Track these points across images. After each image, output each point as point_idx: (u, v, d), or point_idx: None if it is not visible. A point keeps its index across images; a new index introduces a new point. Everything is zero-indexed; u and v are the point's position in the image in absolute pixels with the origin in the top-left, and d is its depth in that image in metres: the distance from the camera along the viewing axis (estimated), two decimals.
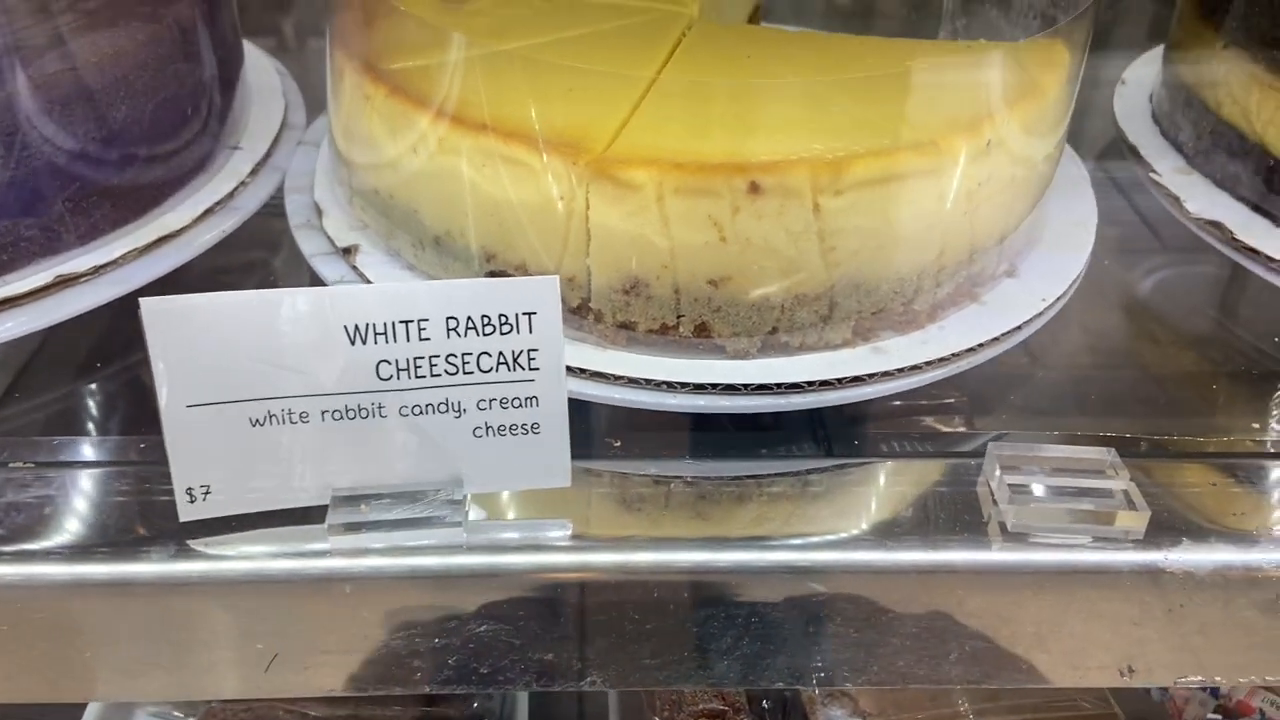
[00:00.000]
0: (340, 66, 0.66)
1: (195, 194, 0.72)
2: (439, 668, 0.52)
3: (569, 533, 0.54)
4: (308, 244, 0.68)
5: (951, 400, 0.66)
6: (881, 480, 0.59)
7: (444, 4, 0.72)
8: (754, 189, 0.54)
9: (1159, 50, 0.90)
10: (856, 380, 0.58)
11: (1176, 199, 0.77)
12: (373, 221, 0.67)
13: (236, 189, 0.73)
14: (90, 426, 0.67)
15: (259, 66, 0.88)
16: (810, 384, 0.57)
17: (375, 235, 0.67)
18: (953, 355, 0.60)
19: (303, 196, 0.72)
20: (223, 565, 0.51)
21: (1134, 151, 0.83)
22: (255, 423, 0.51)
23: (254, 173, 0.75)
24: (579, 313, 0.59)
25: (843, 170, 0.54)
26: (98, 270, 0.65)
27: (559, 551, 0.54)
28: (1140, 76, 0.93)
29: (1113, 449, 0.56)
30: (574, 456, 0.53)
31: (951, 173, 0.57)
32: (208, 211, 0.71)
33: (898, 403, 0.65)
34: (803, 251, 0.56)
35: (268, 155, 0.78)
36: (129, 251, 0.66)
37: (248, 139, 0.79)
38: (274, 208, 0.74)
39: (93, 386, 0.70)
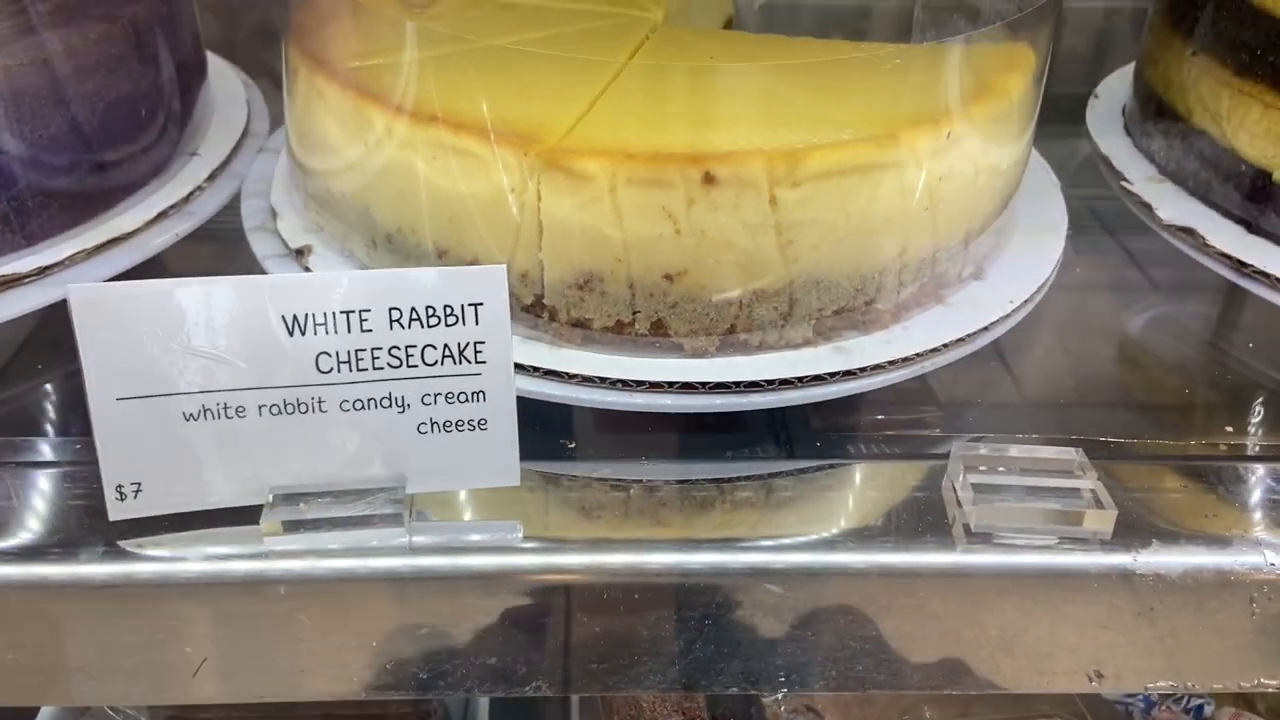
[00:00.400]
0: (295, 65, 0.64)
1: (150, 198, 0.71)
2: (379, 673, 0.50)
3: (519, 535, 0.53)
4: (261, 246, 0.67)
5: (918, 405, 0.65)
6: (843, 482, 0.57)
7: (406, 7, 0.71)
8: (708, 180, 0.53)
9: (1131, 67, 0.89)
10: (818, 379, 0.56)
11: (1148, 207, 0.76)
12: (327, 224, 0.66)
13: (192, 194, 0.72)
14: (55, 426, 0.64)
15: (224, 77, 0.87)
16: (770, 383, 0.56)
17: (330, 238, 0.66)
18: (917, 355, 0.58)
19: (259, 201, 0.71)
20: (151, 567, 0.49)
21: (1106, 162, 0.82)
22: (189, 417, 0.49)
23: (211, 178, 0.74)
24: (533, 310, 0.58)
25: (799, 162, 0.53)
26: (43, 271, 0.64)
27: (508, 554, 0.52)
28: (1113, 91, 0.93)
29: (1080, 449, 0.54)
30: (526, 458, 0.51)
31: (911, 167, 0.56)
32: (162, 215, 0.70)
33: (864, 406, 0.63)
34: (760, 245, 0.54)
35: (227, 162, 0.76)
36: (77, 253, 0.65)
37: (207, 146, 0.77)
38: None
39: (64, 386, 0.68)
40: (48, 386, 0.67)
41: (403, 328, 0.49)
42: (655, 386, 0.56)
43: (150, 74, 0.71)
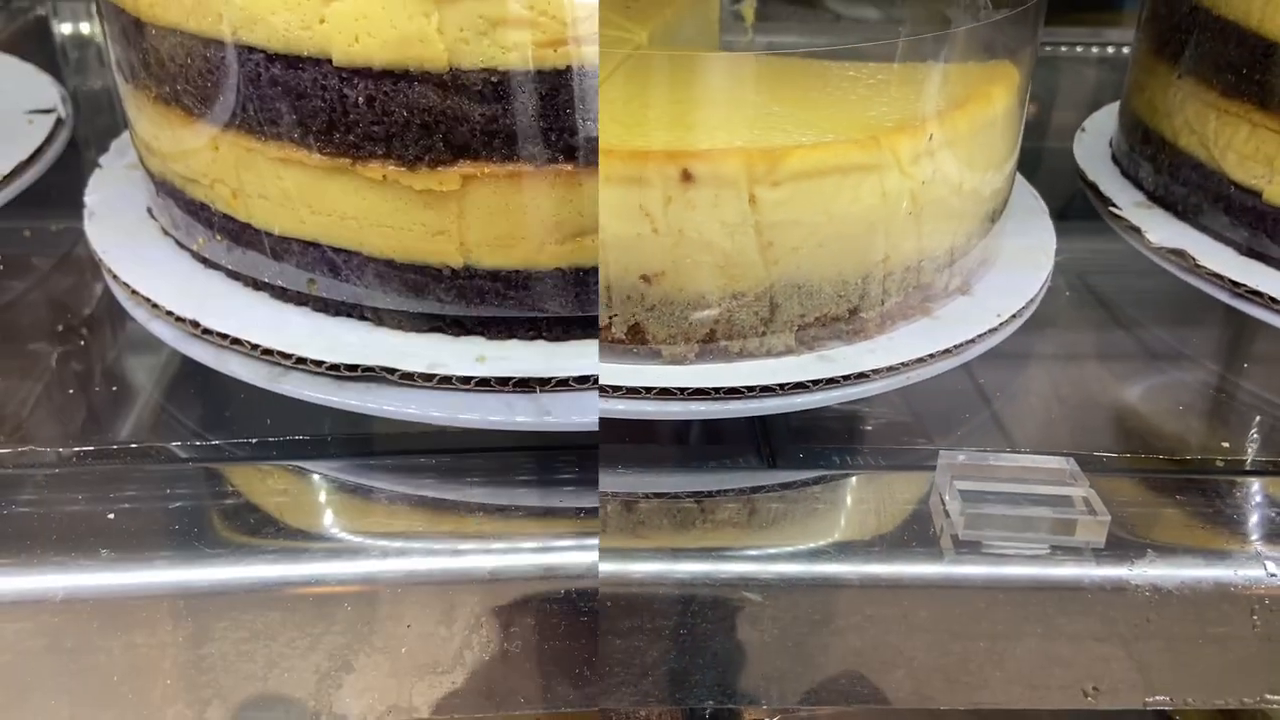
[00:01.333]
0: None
1: None
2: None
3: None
4: None
5: (903, 424, 0.63)
6: (828, 493, 0.55)
7: None
8: (686, 178, 0.52)
9: (1118, 104, 0.89)
10: (800, 387, 0.55)
11: (1138, 230, 0.75)
12: None
13: None
14: None
15: None
16: (750, 389, 0.54)
17: None
18: (901, 365, 0.57)
19: None
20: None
21: (1093, 188, 0.81)
22: None
23: None
24: None
25: (779, 160, 0.52)
26: None
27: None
28: (1099, 125, 0.92)
29: (1071, 458, 0.52)
30: None
31: (893, 170, 0.55)
32: None
33: (848, 422, 0.62)
34: (739, 246, 0.53)
35: None
36: None
37: None
38: None
39: None
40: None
41: None
42: (632, 392, 0.54)
43: None
